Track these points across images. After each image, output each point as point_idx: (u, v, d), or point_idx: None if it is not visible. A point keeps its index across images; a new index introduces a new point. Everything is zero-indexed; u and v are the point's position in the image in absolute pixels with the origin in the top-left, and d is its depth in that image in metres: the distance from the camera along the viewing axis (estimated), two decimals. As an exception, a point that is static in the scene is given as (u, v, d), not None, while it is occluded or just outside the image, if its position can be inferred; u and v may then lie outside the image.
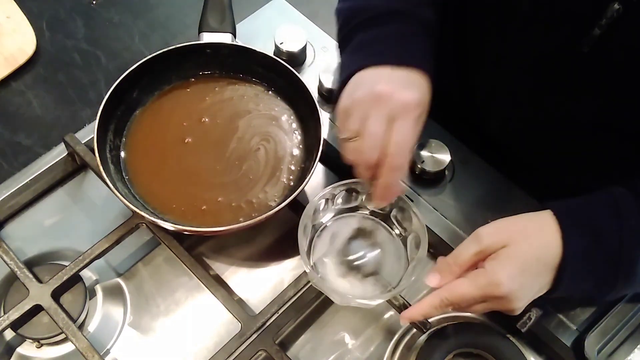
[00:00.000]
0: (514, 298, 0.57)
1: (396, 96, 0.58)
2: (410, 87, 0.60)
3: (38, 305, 0.65)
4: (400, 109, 0.58)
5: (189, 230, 0.67)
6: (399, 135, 0.58)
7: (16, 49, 1.02)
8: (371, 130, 0.58)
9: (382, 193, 0.61)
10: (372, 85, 0.60)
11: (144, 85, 0.75)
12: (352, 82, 0.63)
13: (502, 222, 0.60)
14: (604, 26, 0.58)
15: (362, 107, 0.59)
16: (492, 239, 0.58)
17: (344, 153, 0.63)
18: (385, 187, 0.61)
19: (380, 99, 0.59)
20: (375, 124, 0.58)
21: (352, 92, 0.61)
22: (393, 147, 0.58)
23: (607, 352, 0.68)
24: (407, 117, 0.59)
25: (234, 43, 0.77)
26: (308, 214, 0.65)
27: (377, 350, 0.69)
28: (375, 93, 0.59)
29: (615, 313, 0.70)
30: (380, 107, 0.58)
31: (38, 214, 0.74)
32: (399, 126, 0.58)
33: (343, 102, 0.62)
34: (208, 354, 0.65)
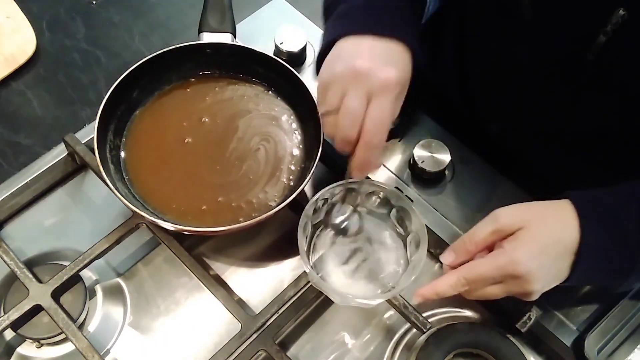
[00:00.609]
0: (532, 279, 0.56)
1: (375, 73, 0.58)
2: (391, 64, 0.60)
3: (38, 305, 0.65)
4: (378, 87, 0.59)
5: (189, 230, 0.67)
6: (376, 112, 0.59)
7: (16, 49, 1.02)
8: (349, 106, 0.59)
9: (359, 167, 0.62)
10: (352, 59, 0.59)
11: (144, 85, 0.75)
12: (333, 53, 0.63)
13: (520, 205, 0.59)
14: (609, 32, 0.57)
15: (341, 82, 0.60)
16: (510, 219, 0.57)
17: (324, 128, 0.64)
18: (362, 162, 0.61)
19: (359, 75, 0.59)
20: (353, 100, 0.59)
21: (332, 65, 0.61)
22: (370, 124, 0.59)
23: (607, 352, 0.68)
24: (385, 95, 0.59)
25: (234, 43, 0.77)
26: (308, 213, 0.65)
27: (377, 350, 0.69)
28: (355, 69, 0.59)
29: (615, 313, 0.70)
30: (359, 84, 0.59)
31: (38, 214, 0.74)
32: (377, 104, 0.59)
33: (323, 75, 0.62)
34: (208, 354, 0.65)
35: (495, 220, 0.58)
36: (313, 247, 0.68)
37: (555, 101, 0.69)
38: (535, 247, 0.56)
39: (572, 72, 0.64)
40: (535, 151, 0.78)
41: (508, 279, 0.56)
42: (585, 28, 0.59)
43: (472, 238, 0.59)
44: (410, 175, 0.78)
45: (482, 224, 0.59)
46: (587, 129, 0.68)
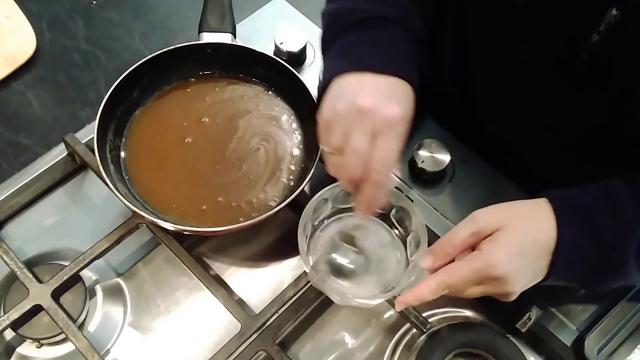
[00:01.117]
0: (510, 280, 0.56)
1: (380, 111, 0.57)
2: (394, 100, 0.59)
3: (38, 305, 0.65)
4: (384, 125, 0.57)
5: (189, 230, 0.67)
6: (383, 152, 0.57)
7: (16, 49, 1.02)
8: (354, 146, 0.57)
9: (365, 206, 0.60)
10: (354, 97, 0.58)
11: (144, 85, 0.75)
12: (334, 90, 0.61)
13: (498, 206, 0.59)
14: (603, 32, 0.57)
15: (345, 121, 0.58)
16: (488, 220, 0.58)
17: (327, 166, 0.61)
18: (370, 201, 0.60)
19: (363, 114, 0.57)
20: (358, 139, 0.57)
21: (334, 103, 0.59)
22: (377, 164, 0.57)
23: (607, 352, 0.68)
24: (391, 132, 0.57)
25: (234, 43, 0.77)
26: (308, 213, 0.65)
27: (377, 350, 0.69)
28: (359, 107, 0.57)
29: (615, 313, 0.70)
30: (364, 122, 0.57)
31: (38, 214, 0.74)
32: (383, 142, 0.57)
33: (325, 112, 0.60)
34: (208, 354, 0.65)
35: (473, 222, 0.58)
36: (313, 247, 0.68)
37: (552, 100, 0.69)
38: (512, 248, 0.57)
39: (567, 71, 0.64)
40: (534, 150, 0.78)
41: (487, 280, 0.57)
42: (579, 27, 0.59)
43: (450, 240, 0.59)
44: (410, 175, 0.78)
45: (460, 226, 0.59)
46: (584, 127, 0.68)
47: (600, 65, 0.61)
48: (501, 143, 0.80)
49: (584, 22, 0.58)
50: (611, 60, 0.60)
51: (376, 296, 0.66)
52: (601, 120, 0.66)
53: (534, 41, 0.65)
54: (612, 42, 0.58)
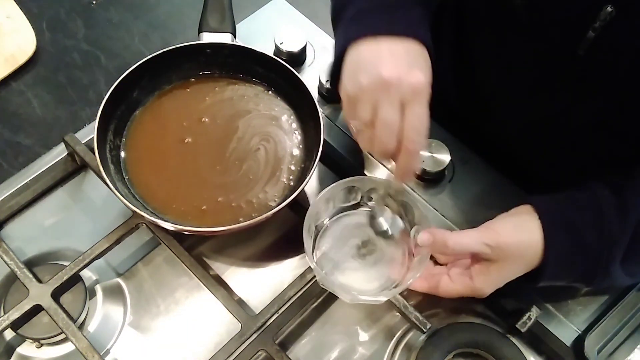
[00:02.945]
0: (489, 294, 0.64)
1: (405, 80, 0.57)
2: (416, 66, 0.59)
3: (38, 305, 0.65)
4: (410, 93, 0.57)
5: (189, 230, 0.67)
6: (414, 120, 0.57)
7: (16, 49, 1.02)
8: (385, 118, 0.57)
9: (403, 175, 0.62)
10: (376, 67, 0.57)
11: (144, 85, 0.75)
12: (352, 61, 0.60)
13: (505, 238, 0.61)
14: (598, 29, 0.58)
15: (371, 94, 0.58)
16: (493, 253, 0.61)
17: (359, 142, 0.62)
18: (406, 169, 0.61)
19: (389, 85, 0.57)
20: (388, 112, 0.57)
21: (356, 76, 0.59)
22: (411, 133, 0.57)
23: (607, 352, 0.68)
24: (419, 100, 0.58)
25: (234, 43, 0.77)
26: (311, 214, 0.65)
27: (377, 350, 0.69)
28: (383, 79, 0.57)
29: (615, 313, 0.70)
30: (391, 94, 0.57)
31: (38, 214, 0.74)
32: (412, 110, 0.57)
33: (349, 87, 0.60)
34: (208, 354, 0.65)
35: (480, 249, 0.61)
36: (317, 247, 0.68)
37: (549, 97, 0.69)
38: (500, 281, 0.63)
39: (563, 68, 0.64)
40: (533, 149, 0.78)
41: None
42: (575, 24, 0.60)
43: (456, 241, 0.62)
44: (410, 175, 0.78)
45: (472, 240, 0.62)
46: (582, 124, 0.68)
47: (596, 62, 0.61)
48: (501, 143, 0.80)
49: (580, 19, 0.59)
50: (607, 57, 0.60)
51: (383, 293, 0.65)
52: (599, 117, 0.66)
53: (530, 38, 0.66)
54: (607, 39, 0.58)
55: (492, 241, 0.61)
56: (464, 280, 0.63)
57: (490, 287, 0.63)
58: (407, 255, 0.68)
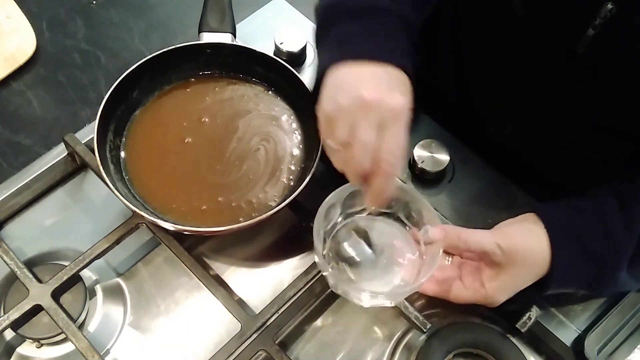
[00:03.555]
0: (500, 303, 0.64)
1: (385, 102, 0.56)
2: (396, 90, 0.58)
3: (38, 305, 0.65)
4: (390, 115, 0.57)
5: (189, 230, 0.67)
6: (392, 142, 0.57)
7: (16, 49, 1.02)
8: (362, 139, 0.56)
9: (376, 198, 0.60)
10: (356, 89, 0.57)
11: (144, 85, 0.75)
12: (332, 82, 0.60)
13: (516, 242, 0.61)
14: (598, 26, 0.58)
15: (349, 114, 0.57)
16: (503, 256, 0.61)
17: (333, 162, 0.61)
18: (380, 192, 0.59)
19: (368, 106, 0.56)
20: (365, 132, 0.56)
21: (335, 96, 0.58)
22: (386, 155, 0.57)
23: (607, 352, 0.68)
24: (397, 122, 0.57)
25: (234, 43, 0.77)
26: (319, 220, 0.63)
27: (377, 350, 0.69)
28: (363, 99, 0.56)
29: (615, 313, 0.70)
30: (370, 115, 0.56)
31: (38, 214, 0.74)
32: (391, 133, 0.57)
33: (327, 107, 0.59)
34: (208, 354, 0.65)
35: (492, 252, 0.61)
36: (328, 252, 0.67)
37: (549, 96, 0.69)
38: (512, 289, 0.63)
39: (563, 67, 0.64)
40: (533, 149, 0.78)
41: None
42: (575, 22, 0.60)
43: (468, 238, 0.62)
44: (411, 175, 0.78)
45: (484, 238, 0.61)
46: (583, 123, 0.68)
47: (596, 60, 0.61)
48: (501, 143, 0.80)
49: (580, 17, 0.59)
50: (606, 55, 0.60)
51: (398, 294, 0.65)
52: (598, 117, 0.66)
53: (530, 37, 0.66)
54: (607, 37, 0.58)
55: (504, 243, 0.60)
56: (475, 286, 0.63)
57: (502, 295, 0.62)
58: (418, 257, 0.67)
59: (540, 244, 0.61)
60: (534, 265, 0.61)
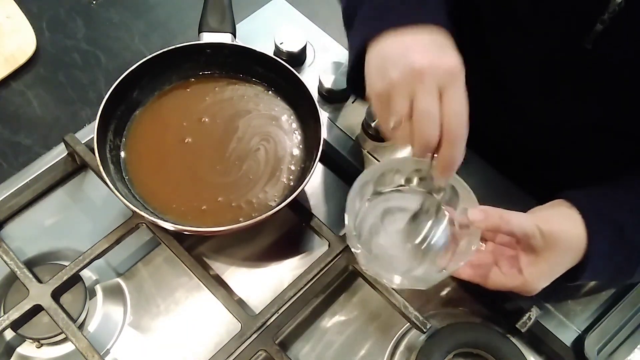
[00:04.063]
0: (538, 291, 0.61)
1: (438, 65, 0.54)
2: (446, 51, 0.56)
3: (38, 305, 0.65)
4: (447, 78, 0.54)
5: (189, 230, 0.67)
6: (455, 105, 0.54)
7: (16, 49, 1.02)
8: (424, 108, 0.54)
9: (447, 167, 0.57)
10: (405, 58, 0.54)
11: (144, 85, 0.75)
12: (377, 58, 0.57)
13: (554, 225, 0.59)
14: (606, 21, 0.57)
15: (405, 86, 0.54)
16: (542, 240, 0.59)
17: (396, 140, 0.58)
18: (450, 160, 0.57)
19: (423, 73, 0.54)
20: (426, 101, 0.54)
21: (383, 72, 0.56)
22: (452, 119, 0.54)
23: (607, 352, 0.68)
24: (456, 84, 0.55)
25: (234, 43, 0.77)
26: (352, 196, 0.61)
27: (377, 350, 0.69)
28: (415, 67, 0.54)
29: (615, 313, 0.70)
30: (426, 82, 0.54)
31: (38, 214, 0.74)
32: (452, 96, 0.54)
33: (378, 86, 0.57)
34: (208, 354, 0.65)
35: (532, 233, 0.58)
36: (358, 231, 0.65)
37: (554, 94, 0.69)
38: (549, 275, 0.60)
39: (570, 62, 0.64)
40: (536, 149, 0.78)
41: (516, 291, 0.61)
42: (583, 17, 0.59)
43: (509, 220, 0.58)
44: (410, 175, 0.78)
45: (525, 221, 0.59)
46: (587, 123, 0.68)
47: (603, 55, 0.60)
48: (503, 143, 0.80)
49: (588, 12, 0.58)
50: (615, 50, 0.59)
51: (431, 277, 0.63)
52: (604, 114, 0.66)
53: (536, 35, 0.65)
54: (615, 32, 0.58)
55: (543, 226, 0.58)
56: (513, 273, 0.61)
57: (541, 281, 0.60)
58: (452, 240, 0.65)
59: (577, 229, 0.59)
60: (571, 250, 0.59)
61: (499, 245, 0.64)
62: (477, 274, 0.62)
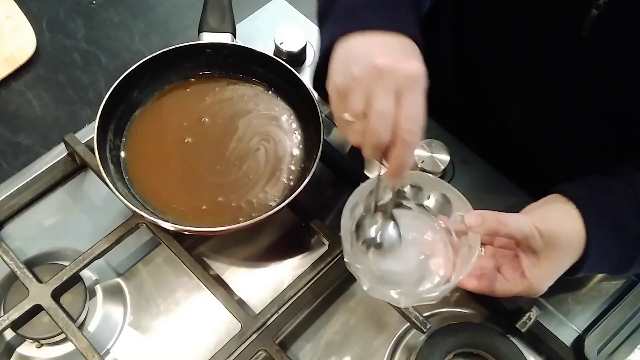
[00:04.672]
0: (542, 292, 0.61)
1: (401, 68, 0.53)
2: (411, 56, 0.56)
3: (38, 305, 0.65)
4: (407, 82, 0.54)
5: (189, 230, 0.67)
6: (411, 109, 0.54)
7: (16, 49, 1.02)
8: (379, 108, 0.53)
9: (397, 170, 0.56)
10: (368, 57, 0.54)
11: (144, 85, 0.75)
12: (341, 55, 0.57)
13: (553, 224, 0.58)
14: (601, 6, 0.57)
15: (364, 84, 0.54)
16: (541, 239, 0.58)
17: (348, 137, 0.58)
18: (400, 164, 0.56)
19: (383, 73, 0.53)
20: (382, 101, 0.53)
21: (346, 67, 0.56)
22: (406, 124, 0.53)
23: (607, 352, 0.68)
24: (415, 89, 0.54)
25: (234, 43, 0.77)
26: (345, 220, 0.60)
27: (377, 350, 0.69)
28: (377, 67, 0.53)
29: (615, 313, 0.70)
30: (385, 82, 0.53)
31: (38, 214, 0.74)
32: (409, 100, 0.53)
33: (338, 79, 0.56)
34: (208, 354, 0.65)
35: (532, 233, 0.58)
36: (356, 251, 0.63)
37: (553, 85, 0.68)
38: (553, 274, 0.60)
39: (568, 51, 0.63)
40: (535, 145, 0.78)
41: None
42: (578, 2, 0.59)
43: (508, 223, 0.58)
44: (410, 175, 0.78)
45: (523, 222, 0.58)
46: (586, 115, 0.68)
47: (599, 41, 0.60)
48: (502, 140, 0.80)
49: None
50: (610, 36, 0.59)
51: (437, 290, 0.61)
52: (603, 102, 0.66)
53: (532, 23, 0.65)
54: (611, 17, 0.57)
55: (542, 226, 0.58)
56: (516, 278, 0.60)
57: (545, 282, 0.60)
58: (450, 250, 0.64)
59: (575, 224, 0.59)
60: (572, 247, 0.59)
61: (498, 247, 0.63)
62: (482, 285, 0.62)
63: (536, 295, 0.61)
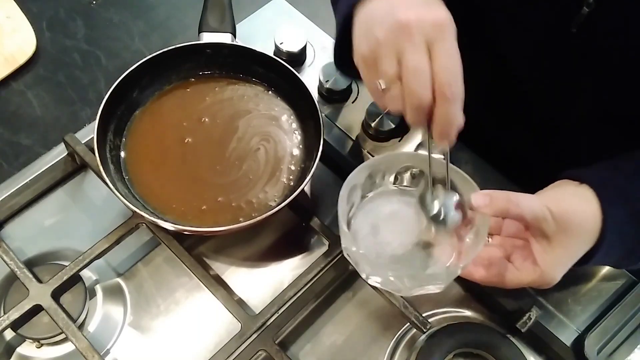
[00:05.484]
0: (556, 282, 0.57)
1: (426, 19, 0.50)
2: (435, 5, 0.52)
3: (38, 305, 0.65)
4: (436, 32, 0.50)
5: (189, 230, 0.67)
6: (446, 58, 0.50)
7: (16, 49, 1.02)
8: (412, 65, 0.50)
9: (444, 130, 0.52)
10: (389, 16, 0.51)
11: (144, 85, 0.75)
12: (362, 21, 0.54)
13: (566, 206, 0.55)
14: (592, 4, 0.56)
15: (391, 44, 0.51)
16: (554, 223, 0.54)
17: (387, 106, 0.54)
18: (446, 122, 0.52)
19: (409, 28, 0.50)
20: (415, 57, 0.50)
21: (369, 34, 0.52)
22: (444, 75, 0.50)
23: (607, 352, 0.68)
24: (446, 37, 0.51)
25: (234, 43, 0.77)
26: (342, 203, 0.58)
27: (377, 350, 0.69)
28: (402, 23, 0.50)
29: (615, 313, 0.70)
30: (413, 37, 0.50)
31: (38, 214, 0.74)
32: (442, 49, 0.50)
33: (362, 48, 0.53)
34: (208, 354, 0.65)
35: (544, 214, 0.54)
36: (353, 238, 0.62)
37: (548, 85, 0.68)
38: (567, 261, 0.56)
39: (559, 48, 0.63)
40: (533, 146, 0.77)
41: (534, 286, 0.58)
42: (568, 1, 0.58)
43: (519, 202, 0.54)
44: (410, 175, 0.78)
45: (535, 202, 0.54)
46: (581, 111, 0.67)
47: (589, 39, 0.59)
48: (501, 140, 0.80)
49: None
50: (600, 33, 0.58)
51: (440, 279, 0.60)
52: (597, 102, 0.65)
53: (523, 19, 0.64)
54: (601, 15, 0.57)
55: (554, 207, 0.54)
56: (528, 266, 0.56)
57: (559, 270, 0.56)
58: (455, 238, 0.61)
59: (590, 206, 0.55)
60: (586, 231, 0.55)
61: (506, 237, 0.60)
62: (491, 274, 0.58)
63: (549, 286, 0.56)
